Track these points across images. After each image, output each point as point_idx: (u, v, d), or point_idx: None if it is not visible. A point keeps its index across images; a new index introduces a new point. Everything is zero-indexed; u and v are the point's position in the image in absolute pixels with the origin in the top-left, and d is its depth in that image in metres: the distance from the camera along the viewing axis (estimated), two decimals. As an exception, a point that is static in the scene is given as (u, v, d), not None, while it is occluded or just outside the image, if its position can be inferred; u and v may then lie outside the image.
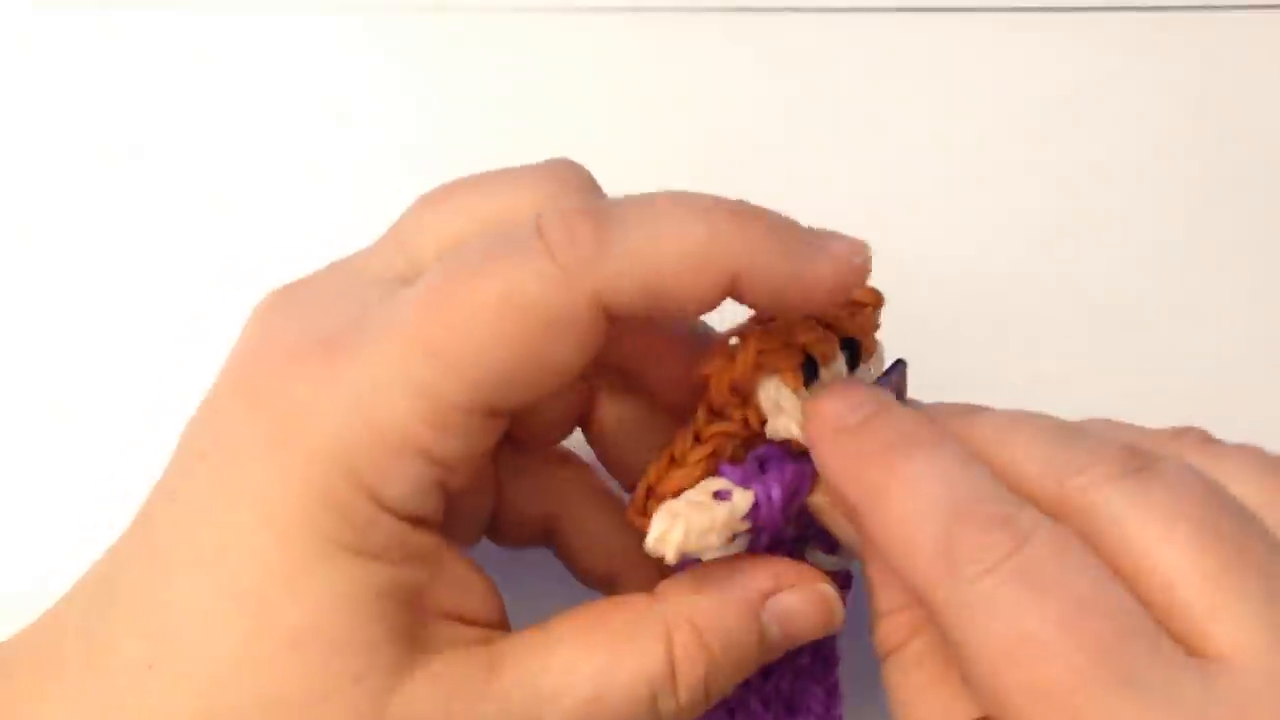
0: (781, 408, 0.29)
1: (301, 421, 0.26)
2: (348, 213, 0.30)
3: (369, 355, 0.26)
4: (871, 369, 0.31)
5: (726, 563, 0.29)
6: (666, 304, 0.26)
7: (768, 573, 0.29)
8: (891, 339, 0.31)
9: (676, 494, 0.28)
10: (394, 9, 0.42)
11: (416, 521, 0.27)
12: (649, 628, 0.28)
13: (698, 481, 0.29)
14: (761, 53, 0.43)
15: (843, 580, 0.31)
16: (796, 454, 0.29)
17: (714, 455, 0.29)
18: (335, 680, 0.26)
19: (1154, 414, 0.29)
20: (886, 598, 0.28)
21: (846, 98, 0.43)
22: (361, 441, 0.26)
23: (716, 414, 0.29)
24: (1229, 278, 0.42)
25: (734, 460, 0.29)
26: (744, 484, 0.28)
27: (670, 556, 0.27)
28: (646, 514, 0.28)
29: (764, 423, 0.29)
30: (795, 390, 0.29)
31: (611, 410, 0.32)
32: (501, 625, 0.29)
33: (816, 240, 0.27)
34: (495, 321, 0.25)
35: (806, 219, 0.27)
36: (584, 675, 0.27)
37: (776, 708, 0.32)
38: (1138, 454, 0.25)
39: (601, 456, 0.33)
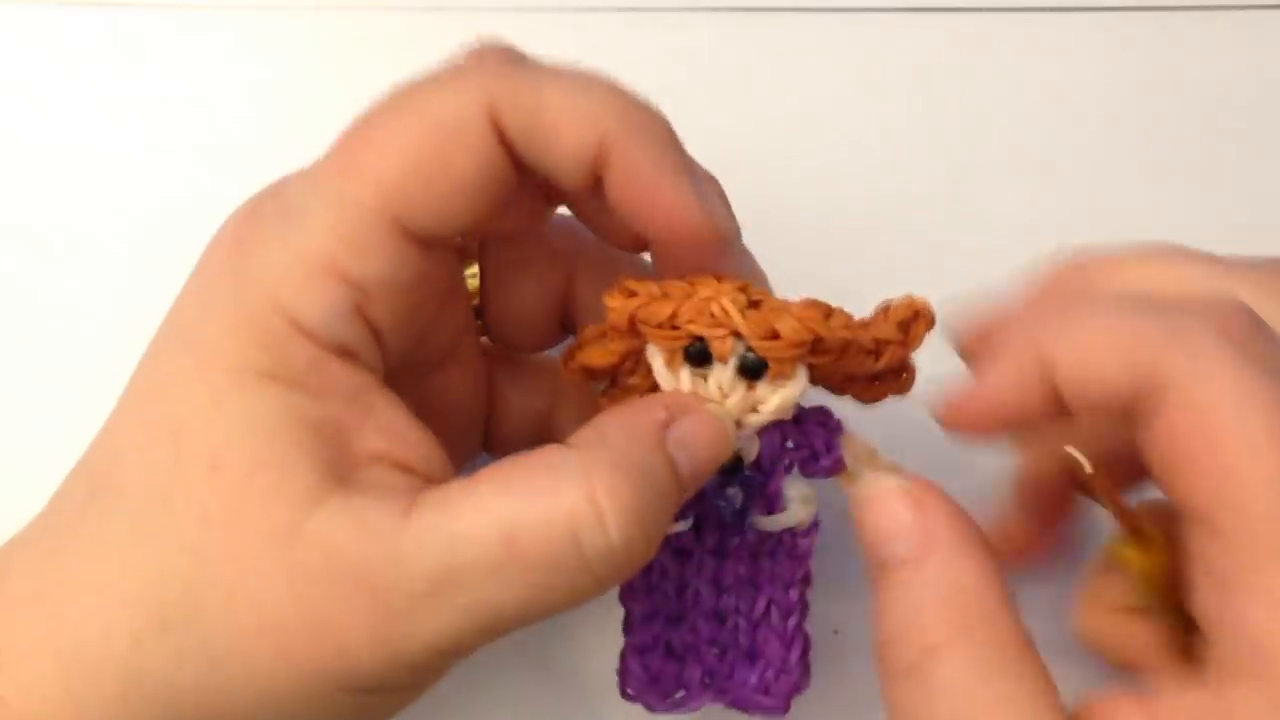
0: (677, 380, 0.30)
1: (232, 259, 0.28)
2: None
3: (295, 184, 0.28)
4: (783, 393, 0.30)
5: (625, 406, 0.29)
6: (547, 145, 0.28)
7: (658, 405, 0.29)
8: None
9: (592, 363, 0.30)
10: (393, 8, 0.42)
11: (340, 352, 0.28)
12: (566, 467, 0.27)
13: (612, 355, 0.30)
14: (761, 53, 0.43)
15: (805, 530, 0.31)
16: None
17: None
18: (252, 499, 0.26)
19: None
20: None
21: (846, 98, 0.43)
22: (283, 265, 0.27)
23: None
24: (1229, 278, 0.43)
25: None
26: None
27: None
28: (568, 364, 0.31)
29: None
30: (672, 367, 0.30)
31: (591, 306, 0.32)
32: (443, 479, 0.28)
33: (697, 171, 0.29)
34: (398, 128, 0.28)
35: (806, 218, 0.27)
36: (496, 514, 0.26)
37: (736, 655, 0.31)
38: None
39: None
